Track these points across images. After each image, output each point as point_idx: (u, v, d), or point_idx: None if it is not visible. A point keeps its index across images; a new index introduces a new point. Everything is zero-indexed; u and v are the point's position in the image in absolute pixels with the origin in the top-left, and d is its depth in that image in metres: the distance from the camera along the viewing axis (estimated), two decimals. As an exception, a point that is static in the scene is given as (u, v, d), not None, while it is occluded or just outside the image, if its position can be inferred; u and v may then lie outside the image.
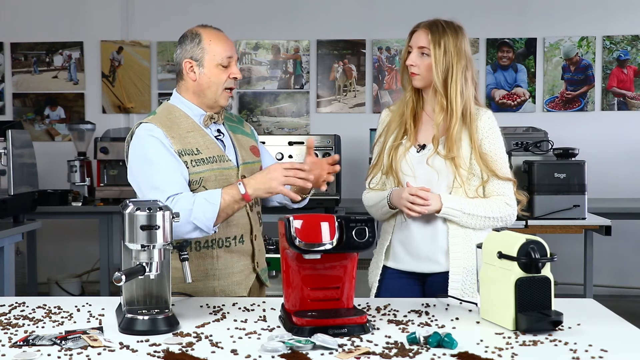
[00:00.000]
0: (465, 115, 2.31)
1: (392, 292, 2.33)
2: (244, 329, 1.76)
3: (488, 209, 2.30)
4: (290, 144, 4.72)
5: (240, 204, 2.09)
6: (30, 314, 1.92)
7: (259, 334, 1.71)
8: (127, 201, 1.79)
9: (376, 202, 2.41)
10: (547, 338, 1.67)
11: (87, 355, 1.55)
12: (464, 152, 2.30)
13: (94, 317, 1.89)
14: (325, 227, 1.72)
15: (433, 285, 2.33)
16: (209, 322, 1.82)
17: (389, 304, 2.00)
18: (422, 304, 2.02)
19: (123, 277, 1.68)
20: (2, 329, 1.76)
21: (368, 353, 1.55)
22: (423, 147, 2.36)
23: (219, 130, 2.27)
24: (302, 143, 4.71)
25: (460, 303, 2.05)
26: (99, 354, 1.56)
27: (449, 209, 2.27)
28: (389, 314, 1.90)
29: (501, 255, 1.75)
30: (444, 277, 2.31)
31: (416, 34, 2.34)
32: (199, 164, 2.15)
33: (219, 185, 2.17)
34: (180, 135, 2.16)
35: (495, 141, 2.34)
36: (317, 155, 4.63)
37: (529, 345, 1.62)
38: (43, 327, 1.79)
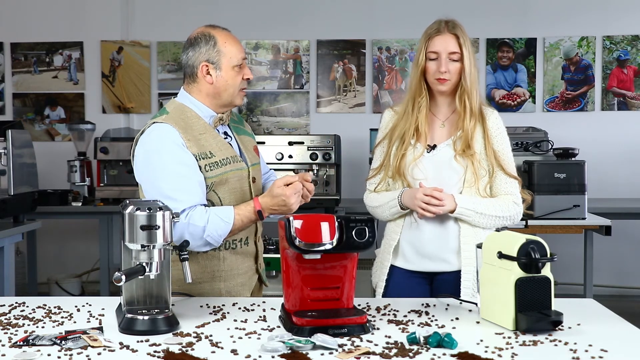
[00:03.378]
0: (479, 112, 2.35)
1: (400, 292, 2.34)
2: (244, 329, 1.76)
3: (498, 209, 2.32)
4: (290, 144, 4.72)
5: (253, 223, 2.17)
6: (30, 314, 1.92)
7: (259, 334, 1.71)
8: (127, 201, 1.79)
9: (383, 202, 2.40)
10: (547, 338, 1.67)
11: (87, 355, 1.55)
12: (477, 150, 2.33)
13: (94, 317, 1.88)
14: (325, 227, 1.72)
15: (442, 284, 2.33)
16: (209, 322, 1.82)
17: (389, 304, 2.00)
18: (422, 304, 2.02)
19: (123, 277, 1.68)
20: (2, 329, 1.76)
21: (368, 353, 1.55)
22: (433, 147, 2.36)
23: (225, 133, 2.27)
24: (302, 143, 4.71)
25: (460, 303, 2.05)
26: (99, 354, 1.57)
27: (463, 208, 2.28)
28: (389, 314, 1.90)
29: (501, 255, 1.75)
30: (453, 276, 2.32)
31: (441, 40, 2.33)
32: (212, 168, 2.13)
33: (231, 187, 2.17)
34: (195, 138, 2.14)
35: (503, 140, 2.37)
36: (317, 155, 4.67)
37: (529, 345, 1.62)
38: (43, 327, 1.79)
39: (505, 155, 2.36)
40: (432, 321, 1.83)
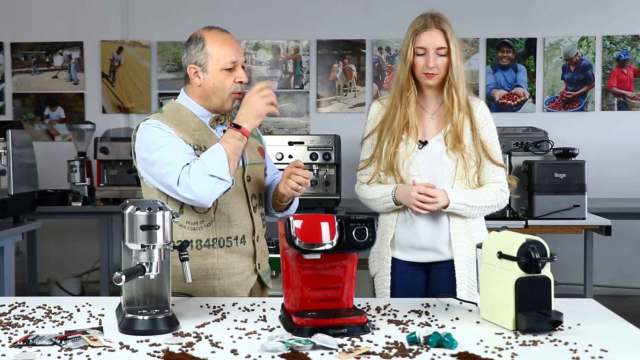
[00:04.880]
0: (466, 104, 2.39)
1: (402, 283, 2.42)
2: (244, 329, 1.76)
3: (487, 199, 2.38)
4: (290, 144, 4.72)
5: (243, 141, 2.11)
6: (30, 314, 1.91)
7: (259, 334, 1.71)
8: (127, 201, 1.79)
9: (377, 197, 2.44)
10: (547, 338, 1.67)
11: (87, 355, 1.55)
12: (467, 142, 2.37)
13: (94, 317, 1.88)
14: (325, 227, 1.72)
15: (438, 273, 2.41)
16: (209, 322, 1.82)
17: (389, 304, 2.00)
18: (422, 304, 2.02)
19: (123, 277, 1.68)
20: (2, 329, 1.76)
21: (368, 353, 1.55)
22: (425, 143, 2.39)
23: (224, 131, 2.27)
24: (302, 143, 4.71)
25: (460, 303, 2.05)
26: (99, 354, 1.56)
27: (455, 203, 2.34)
28: (389, 314, 1.90)
29: (501, 255, 1.75)
30: (447, 265, 2.39)
31: (428, 35, 2.35)
32: None
33: None
34: (188, 133, 2.17)
35: (490, 130, 2.42)
36: (317, 155, 4.67)
37: (529, 345, 1.62)
38: (43, 327, 1.79)
39: (493, 144, 2.41)
40: (432, 321, 1.83)
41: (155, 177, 2.13)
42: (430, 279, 2.44)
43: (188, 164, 2.07)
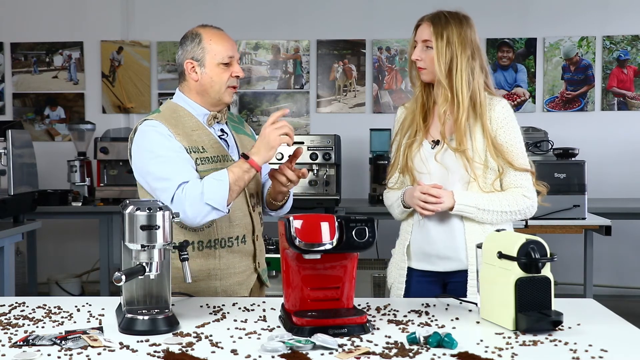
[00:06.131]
0: (475, 105, 2.26)
1: (414, 294, 2.30)
2: (244, 329, 1.76)
3: (505, 203, 2.23)
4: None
5: (250, 174, 2.09)
6: (30, 314, 1.91)
7: (259, 334, 1.71)
8: (127, 201, 1.79)
9: (393, 201, 2.38)
10: (547, 338, 1.67)
11: (87, 355, 1.55)
12: (478, 145, 2.24)
13: (94, 317, 1.88)
14: (325, 227, 1.72)
15: (457, 285, 2.27)
16: (209, 322, 1.82)
17: (389, 304, 2.00)
18: (422, 304, 2.02)
19: (123, 277, 1.68)
20: (2, 329, 1.76)
21: (368, 353, 1.55)
22: (437, 142, 2.30)
23: (222, 130, 2.28)
24: (302, 143, 4.71)
25: (460, 303, 2.05)
26: (99, 354, 1.56)
27: (462, 205, 2.21)
28: (389, 314, 1.90)
29: (501, 255, 1.75)
30: (465, 275, 2.26)
31: (420, 28, 2.32)
32: (204, 163, 2.16)
33: None
34: (185, 133, 2.17)
35: (511, 131, 2.27)
36: (317, 155, 4.68)
37: (529, 345, 1.62)
38: (43, 327, 1.79)
39: (514, 146, 2.26)
40: (432, 321, 1.83)
41: (150, 189, 2.14)
42: (448, 289, 2.29)
43: (187, 181, 2.06)
